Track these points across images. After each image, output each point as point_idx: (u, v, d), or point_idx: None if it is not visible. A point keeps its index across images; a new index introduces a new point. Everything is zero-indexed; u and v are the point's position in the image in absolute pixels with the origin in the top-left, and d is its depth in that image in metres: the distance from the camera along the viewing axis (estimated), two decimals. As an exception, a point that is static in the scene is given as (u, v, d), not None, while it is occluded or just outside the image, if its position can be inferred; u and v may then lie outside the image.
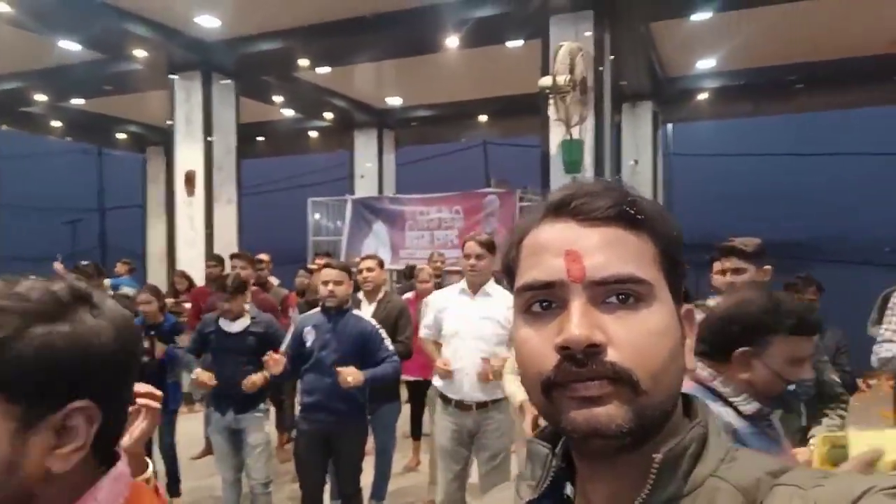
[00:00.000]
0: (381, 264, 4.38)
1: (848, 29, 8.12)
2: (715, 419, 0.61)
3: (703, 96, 10.84)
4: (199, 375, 3.72)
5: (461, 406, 3.45)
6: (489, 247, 3.46)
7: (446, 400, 3.49)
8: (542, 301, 0.59)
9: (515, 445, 4.88)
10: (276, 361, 3.41)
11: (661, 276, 0.60)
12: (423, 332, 3.78)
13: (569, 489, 0.65)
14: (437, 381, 3.59)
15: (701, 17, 7.63)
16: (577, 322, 0.56)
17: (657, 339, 0.57)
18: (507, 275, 0.66)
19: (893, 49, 8.70)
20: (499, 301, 3.46)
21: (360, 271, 4.20)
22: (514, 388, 2.98)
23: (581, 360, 0.55)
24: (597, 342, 0.55)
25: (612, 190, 0.61)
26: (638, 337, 0.56)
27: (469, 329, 3.43)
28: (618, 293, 0.57)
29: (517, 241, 0.64)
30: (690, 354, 0.62)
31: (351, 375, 3.30)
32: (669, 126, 12.21)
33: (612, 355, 0.55)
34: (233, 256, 5.76)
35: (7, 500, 0.65)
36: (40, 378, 0.66)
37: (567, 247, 0.58)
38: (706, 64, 9.92)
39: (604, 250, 0.58)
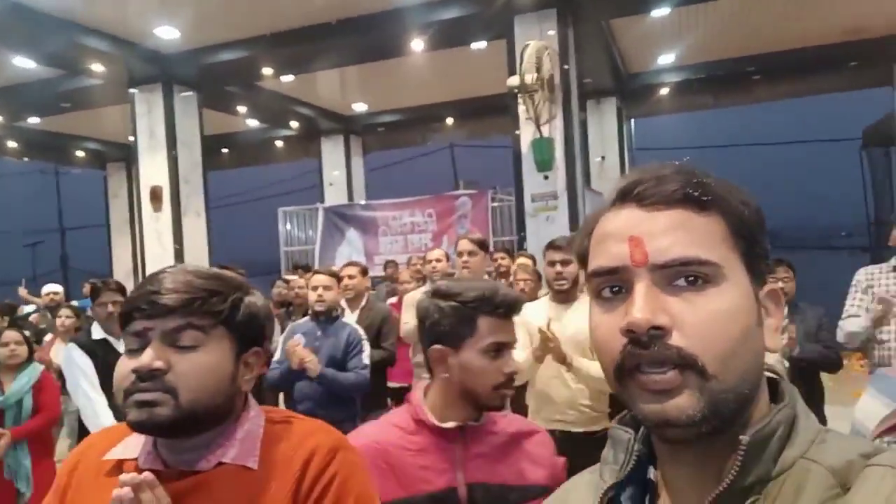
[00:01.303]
0: (363, 272, 4.36)
1: (802, 19, 8.34)
2: (802, 401, 0.61)
3: (664, 91, 11.02)
4: None
5: None
6: (481, 244, 3.54)
7: None
8: (611, 287, 0.60)
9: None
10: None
11: (734, 256, 0.59)
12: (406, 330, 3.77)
13: (652, 473, 0.65)
14: None
15: (660, 12, 7.76)
16: (640, 305, 0.56)
17: (725, 321, 0.56)
18: (581, 264, 0.66)
19: (846, 37, 8.97)
20: None
21: (342, 279, 4.17)
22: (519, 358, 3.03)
23: (645, 342, 0.55)
24: (660, 325, 0.55)
25: (679, 173, 0.60)
26: (704, 319, 0.56)
27: None
28: (684, 275, 0.57)
29: (588, 231, 0.65)
30: (774, 335, 0.61)
31: (309, 359, 3.27)
32: (633, 121, 12.39)
33: (677, 339, 0.55)
34: (219, 268, 5.62)
35: (224, 400, 1.00)
36: (247, 328, 1.03)
37: (630, 232, 0.59)
38: (666, 59, 10.09)
39: (668, 234, 0.58)
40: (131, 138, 8.95)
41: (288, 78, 9.44)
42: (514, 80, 6.33)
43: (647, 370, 0.56)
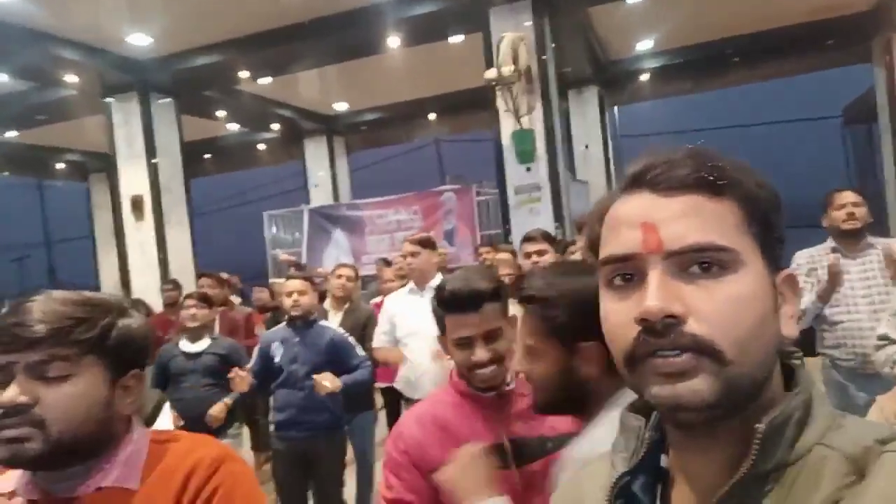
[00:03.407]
0: (357, 275, 4.38)
1: (775, 0, 8.33)
2: (818, 387, 0.60)
3: (644, 77, 11.00)
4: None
5: None
6: (422, 243, 3.54)
7: (409, 402, 3.46)
8: (623, 274, 0.59)
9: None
10: (241, 378, 3.32)
11: (750, 241, 0.58)
12: (378, 341, 3.71)
13: (664, 460, 0.64)
14: (398, 384, 3.57)
15: (634, -1, 7.73)
16: (654, 293, 0.55)
17: (742, 307, 0.56)
18: (593, 251, 0.65)
19: (823, 15, 8.97)
20: None
21: (339, 276, 4.18)
22: None
23: (660, 331, 0.55)
24: (675, 313, 0.55)
25: (692, 157, 0.59)
26: (720, 305, 0.55)
27: (425, 326, 3.41)
28: (699, 262, 0.56)
29: (599, 217, 0.64)
30: (790, 322, 0.60)
31: (328, 381, 3.24)
32: (616, 109, 12.37)
33: (692, 326, 0.55)
34: (200, 276, 5.60)
35: (99, 428, 0.98)
36: (121, 352, 1.01)
37: (643, 218, 0.58)
38: (645, 45, 10.07)
39: (682, 219, 0.57)
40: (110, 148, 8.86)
41: (266, 80, 9.36)
42: (491, 73, 6.29)
43: (662, 354, 0.55)
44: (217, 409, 3.60)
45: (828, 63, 11.31)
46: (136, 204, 8.49)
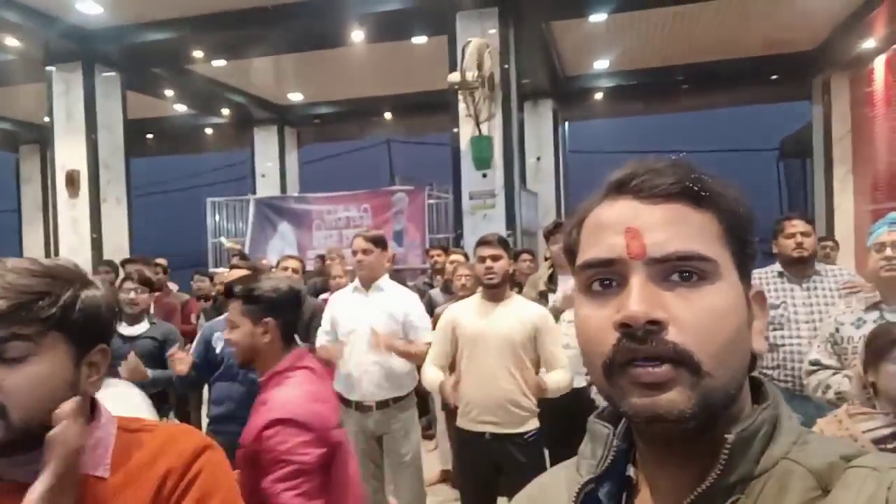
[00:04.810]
0: (303, 267, 4.28)
1: (728, 32, 8.67)
2: (785, 402, 0.61)
3: (598, 95, 11.25)
4: None
5: (361, 407, 3.36)
6: (376, 241, 3.46)
7: (346, 402, 3.38)
8: (602, 279, 0.59)
9: (437, 439, 4.84)
10: (181, 359, 3.17)
11: (728, 254, 0.59)
12: (319, 341, 3.61)
13: (630, 469, 0.64)
14: (336, 385, 3.48)
15: (597, 17, 7.89)
16: (637, 298, 0.55)
17: (720, 319, 0.56)
18: (569, 256, 0.64)
19: (770, 51, 9.40)
20: (392, 296, 3.43)
21: (286, 268, 4.06)
22: (432, 374, 2.99)
23: (641, 337, 0.54)
24: (657, 319, 0.54)
25: (676, 167, 0.60)
26: (700, 316, 0.55)
27: (365, 326, 3.34)
28: (680, 270, 0.56)
29: (578, 222, 0.63)
30: (760, 337, 0.61)
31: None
32: (567, 124, 12.59)
33: (672, 334, 0.54)
34: (125, 262, 5.40)
35: None
36: (86, 327, 0.92)
37: (627, 224, 0.58)
38: (601, 65, 10.31)
39: (666, 227, 0.57)
40: (47, 119, 8.41)
41: (220, 63, 9.09)
42: (454, 77, 6.28)
43: (641, 364, 0.55)
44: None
45: (770, 97, 11.85)
46: (72, 179, 8.08)
